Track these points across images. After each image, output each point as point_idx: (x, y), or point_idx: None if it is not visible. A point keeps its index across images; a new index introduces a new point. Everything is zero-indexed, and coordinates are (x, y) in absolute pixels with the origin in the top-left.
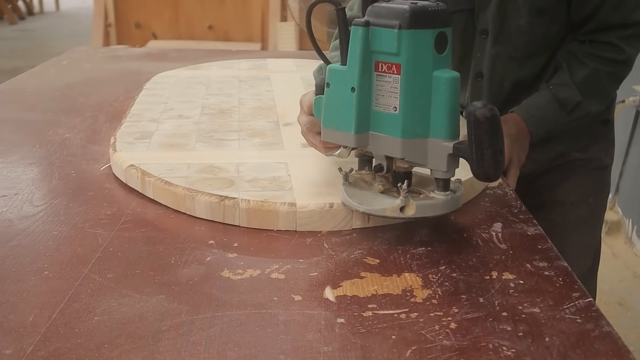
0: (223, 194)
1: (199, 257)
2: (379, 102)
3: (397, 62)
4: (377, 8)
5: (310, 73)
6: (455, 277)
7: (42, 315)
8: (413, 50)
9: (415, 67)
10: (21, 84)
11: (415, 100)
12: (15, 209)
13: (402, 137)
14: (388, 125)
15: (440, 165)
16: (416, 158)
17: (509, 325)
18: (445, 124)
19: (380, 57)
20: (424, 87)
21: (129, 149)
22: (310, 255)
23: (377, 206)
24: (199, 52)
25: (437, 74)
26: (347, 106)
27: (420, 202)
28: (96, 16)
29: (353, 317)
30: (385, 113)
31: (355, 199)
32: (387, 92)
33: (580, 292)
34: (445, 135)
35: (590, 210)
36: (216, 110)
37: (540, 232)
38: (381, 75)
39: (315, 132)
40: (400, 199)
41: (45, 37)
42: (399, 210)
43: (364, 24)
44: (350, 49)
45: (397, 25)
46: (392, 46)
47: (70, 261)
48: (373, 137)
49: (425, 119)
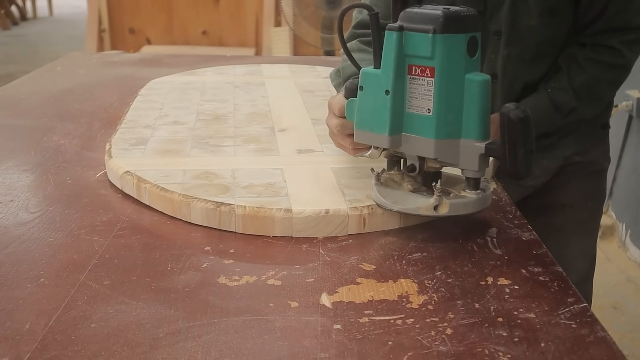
0: (219, 200)
1: (195, 264)
2: (412, 105)
3: (430, 65)
4: (410, 13)
5: (304, 79)
6: (450, 283)
7: (39, 323)
8: (447, 54)
9: (449, 71)
10: (15, 89)
11: (448, 103)
12: (11, 216)
13: (435, 138)
14: (421, 127)
15: (471, 165)
16: (448, 158)
17: (504, 331)
18: (477, 125)
19: (413, 60)
20: (456, 90)
21: (124, 155)
22: (307, 262)
23: (411, 205)
24: (193, 58)
25: (469, 76)
26: (381, 108)
27: (453, 201)
28: (90, 21)
29: (349, 323)
30: (419, 115)
31: (389, 198)
32: (421, 95)
33: (575, 298)
34: (477, 136)
35: (589, 214)
36: (211, 116)
37: (535, 238)
38: (414, 78)
39: (345, 135)
40: (434, 198)
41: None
42: (433, 209)
43: (398, 28)
44: (384, 53)
45: (431, 30)
46: (426, 50)
47: (67, 268)
48: (406, 138)
49: (457, 121)
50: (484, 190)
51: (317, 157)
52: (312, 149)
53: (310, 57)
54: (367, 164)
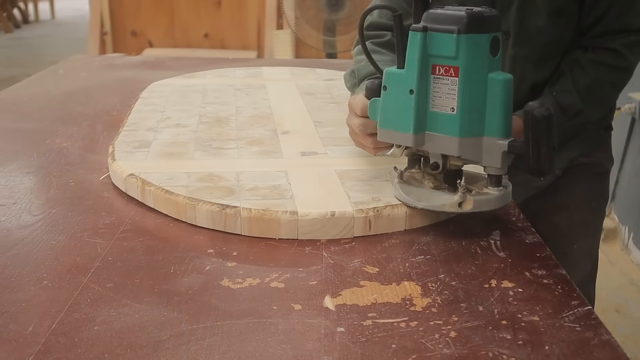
0: (224, 202)
1: (198, 266)
2: (435, 104)
3: (455, 65)
4: (434, 14)
5: (305, 81)
6: (454, 286)
7: (42, 325)
8: (471, 54)
9: (473, 70)
10: (18, 92)
11: (472, 101)
12: (14, 218)
13: (459, 136)
14: (445, 125)
15: (494, 162)
16: (471, 156)
17: (508, 334)
18: (500, 123)
19: (437, 60)
20: (480, 89)
21: (127, 158)
22: (310, 264)
23: (436, 202)
24: (195, 61)
25: (492, 76)
26: (405, 108)
27: (477, 198)
28: (92, 24)
29: (353, 326)
30: (443, 114)
31: (413, 196)
32: (445, 94)
33: (579, 300)
34: (500, 134)
35: (593, 215)
36: (213, 118)
37: (538, 240)
38: (438, 77)
39: (367, 134)
40: (458, 195)
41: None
42: (457, 206)
43: (422, 29)
44: (408, 53)
45: (455, 30)
46: (450, 50)
47: (70, 270)
48: (429, 136)
49: (480, 119)
50: (505, 187)
51: (321, 159)
52: (316, 151)
53: (310, 60)
54: (369, 167)
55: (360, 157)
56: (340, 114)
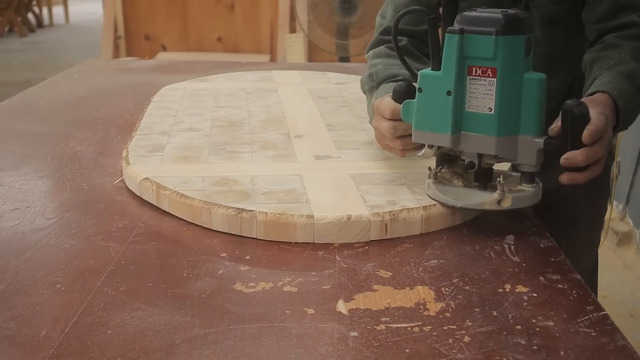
0: (240, 206)
1: (211, 270)
2: (471, 104)
3: (492, 66)
4: (470, 17)
5: (316, 85)
6: (468, 290)
7: (55, 329)
8: (508, 55)
9: (510, 70)
10: (32, 96)
11: (509, 101)
12: (28, 222)
13: (497, 135)
14: (482, 125)
15: (530, 160)
16: (507, 154)
17: (523, 339)
18: (536, 121)
19: (474, 62)
20: (516, 88)
21: (142, 162)
22: (323, 268)
23: (474, 201)
24: (208, 64)
25: (527, 75)
26: (442, 109)
27: (515, 195)
28: (106, 28)
29: (366, 330)
30: (479, 114)
31: (450, 195)
32: (482, 95)
33: (595, 305)
34: (535, 132)
35: (597, 207)
36: (226, 122)
37: (553, 245)
38: (475, 79)
39: (396, 137)
40: (497, 193)
41: (56, 49)
42: (497, 203)
43: (459, 31)
44: (445, 55)
45: (494, 32)
46: (488, 51)
47: (83, 274)
48: (465, 136)
49: (516, 118)
50: (537, 184)
51: (335, 163)
52: (330, 155)
53: (321, 64)
54: (383, 170)
55: (375, 160)
56: (353, 118)
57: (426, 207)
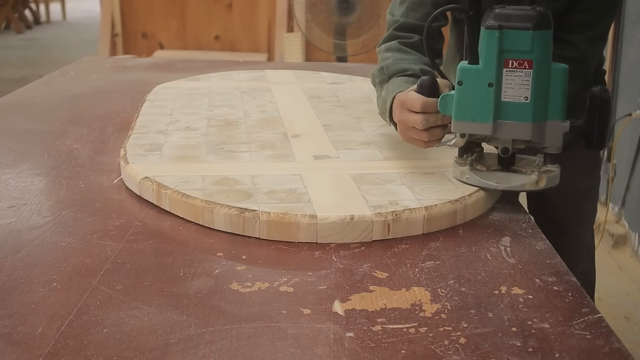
0: (242, 206)
1: (208, 269)
2: (507, 94)
3: (529, 58)
4: (504, 14)
5: (309, 84)
6: (464, 292)
7: (51, 327)
8: (542, 48)
9: (543, 62)
10: (29, 93)
11: (542, 90)
12: (24, 220)
13: (532, 121)
14: (518, 113)
15: (557, 142)
16: (538, 138)
17: (518, 341)
18: (562, 107)
19: (510, 55)
20: (547, 78)
21: (140, 161)
22: (319, 269)
23: (516, 182)
24: (206, 63)
25: (554, 66)
26: (483, 100)
27: (548, 175)
28: (103, 26)
29: (362, 331)
30: (515, 102)
31: (490, 179)
32: (518, 85)
33: (590, 308)
34: (561, 117)
35: (593, 180)
36: (222, 122)
37: (548, 247)
38: (511, 70)
39: (423, 130)
40: (536, 174)
41: (53, 46)
42: (535, 184)
43: (498, 27)
44: (486, 50)
45: (531, 27)
46: (527, 45)
47: (79, 272)
48: (500, 124)
49: (546, 105)
50: (559, 165)
51: (334, 163)
52: (328, 155)
53: (317, 63)
54: (383, 170)
55: (373, 161)
56: (349, 118)
57: (428, 207)
